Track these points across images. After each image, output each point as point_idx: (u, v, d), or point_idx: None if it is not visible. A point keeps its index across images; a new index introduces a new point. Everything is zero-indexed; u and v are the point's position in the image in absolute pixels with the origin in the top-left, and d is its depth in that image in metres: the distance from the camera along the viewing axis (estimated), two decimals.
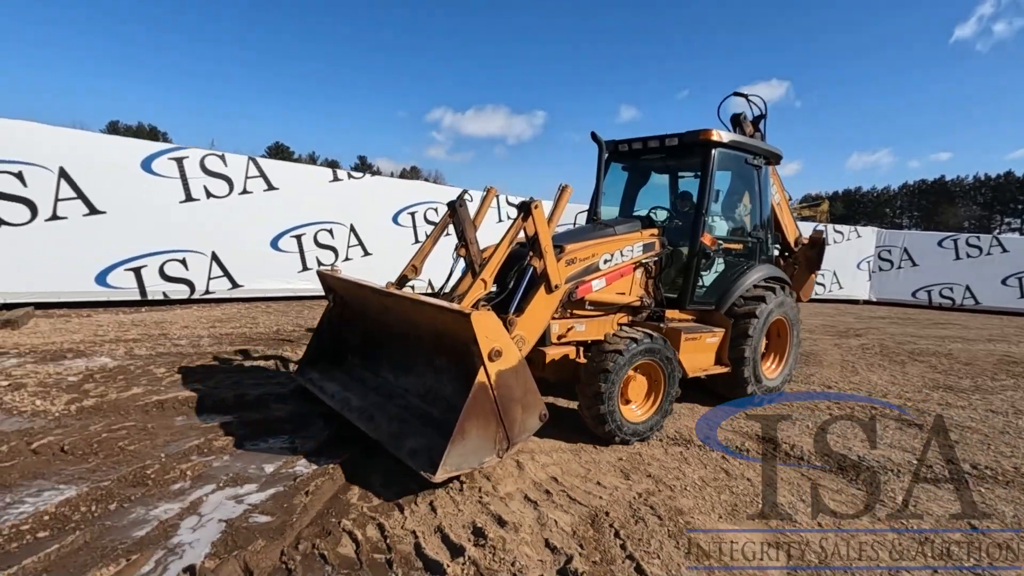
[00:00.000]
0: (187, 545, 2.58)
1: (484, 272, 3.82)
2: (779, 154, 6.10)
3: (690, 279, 5.15)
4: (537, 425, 3.37)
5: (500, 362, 3.11)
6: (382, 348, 4.43)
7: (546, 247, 3.81)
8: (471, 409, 3.00)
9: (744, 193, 5.86)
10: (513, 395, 3.20)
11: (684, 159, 5.81)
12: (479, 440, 3.06)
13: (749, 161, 5.54)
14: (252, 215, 9.91)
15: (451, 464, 2.94)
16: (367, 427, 3.60)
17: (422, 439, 3.28)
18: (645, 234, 5.01)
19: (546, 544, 2.76)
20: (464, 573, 2.47)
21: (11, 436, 3.66)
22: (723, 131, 5.23)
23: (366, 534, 2.75)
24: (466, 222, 4.37)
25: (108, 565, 2.39)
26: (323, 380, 4.48)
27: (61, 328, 7.01)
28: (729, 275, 5.53)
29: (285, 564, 2.48)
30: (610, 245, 4.66)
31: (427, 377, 3.88)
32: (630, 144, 5.64)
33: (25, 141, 7.65)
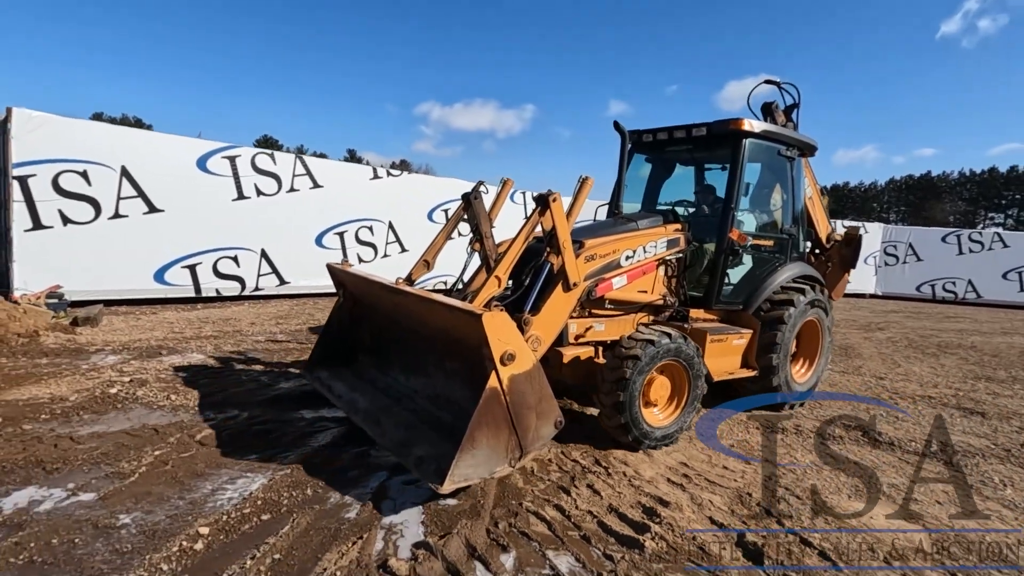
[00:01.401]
0: (400, 525, 2.83)
1: (498, 269, 3.60)
2: (814, 145, 5.81)
3: (717, 277, 4.90)
4: (552, 433, 3.18)
5: (513, 366, 2.92)
6: (392, 347, 4.25)
7: (564, 242, 3.63)
8: (482, 416, 2.80)
9: (776, 186, 5.56)
10: (527, 401, 3.00)
11: (712, 150, 5.53)
12: (490, 449, 2.87)
13: (782, 152, 5.25)
14: (299, 212, 10.06)
15: (459, 475, 2.75)
16: (374, 432, 3.47)
17: (430, 447, 3.13)
18: (669, 229, 4.78)
19: (711, 520, 3.05)
20: (658, 546, 2.75)
21: (170, 429, 3.86)
22: (754, 120, 5.03)
23: (549, 514, 3.02)
24: (481, 215, 4.19)
25: (344, 543, 2.63)
26: (331, 379, 4.31)
27: (135, 325, 7.16)
28: (758, 273, 5.24)
29: (496, 540, 2.74)
30: (632, 241, 4.43)
31: (437, 379, 3.70)
32: (655, 134, 5.40)
33: (89, 140, 7.74)
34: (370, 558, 2.53)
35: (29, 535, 2.54)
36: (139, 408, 4.24)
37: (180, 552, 2.49)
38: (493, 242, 4.18)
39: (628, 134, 5.21)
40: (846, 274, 6.77)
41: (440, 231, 4.49)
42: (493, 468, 2.90)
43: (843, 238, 6.63)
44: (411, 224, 11.75)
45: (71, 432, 3.72)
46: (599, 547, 2.74)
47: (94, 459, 3.35)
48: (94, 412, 4.09)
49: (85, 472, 3.20)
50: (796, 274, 5.39)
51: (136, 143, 8.21)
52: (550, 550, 2.68)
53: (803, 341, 5.62)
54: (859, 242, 6.50)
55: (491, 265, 3.97)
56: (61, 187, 7.54)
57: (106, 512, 2.78)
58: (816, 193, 6.51)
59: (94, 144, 7.76)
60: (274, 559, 2.48)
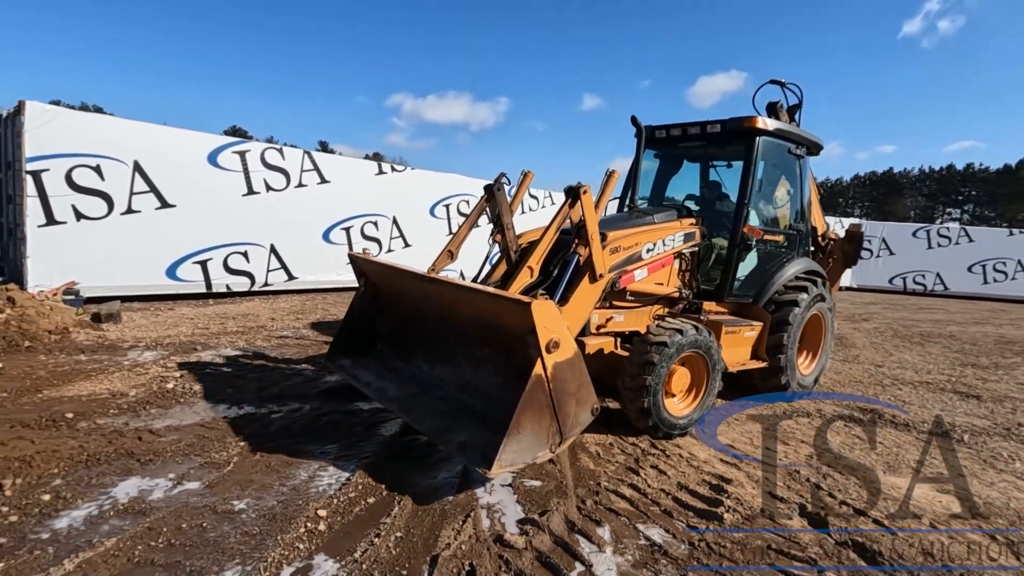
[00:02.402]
0: (497, 505, 3.05)
1: (531, 259, 3.72)
2: (820, 144, 5.95)
3: (730, 270, 5.04)
4: (589, 420, 3.25)
5: (557, 354, 3.00)
6: (416, 336, 4.27)
7: (593, 235, 3.68)
8: (527, 402, 2.87)
9: (784, 184, 5.70)
10: (568, 388, 3.09)
11: (724, 147, 5.65)
12: (533, 435, 2.95)
13: (792, 151, 5.42)
14: (306, 208, 10.07)
15: (506, 459, 2.82)
16: (409, 418, 3.53)
17: (470, 433, 3.20)
18: (685, 223, 4.90)
19: (772, 495, 3.36)
20: (734, 517, 3.03)
21: (240, 422, 3.99)
22: (767, 119, 5.15)
23: (627, 492, 3.28)
24: (503, 206, 4.21)
25: (455, 521, 2.84)
26: (355, 368, 4.35)
27: (156, 321, 7.14)
28: (768, 267, 5.38)
29: (589, 516, 2.99)
30: (652, 234, 4.54)
31: (466, 368, 3.74)
32: (668, 130, 5.47)
33: (102, 134, 7.63)
34: (484, 533, 2.75)
35: (157, 521, 2.68)
36: (201, 402, 4.33)
37: (308, 532, 2.66)
38: (514, 233, 4.21)
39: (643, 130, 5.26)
40: (844, 270, 6.98)
41: (464, 222, 4.54)
42: (536, 453, 2.99)
43: (846, 235, 6.85)
44: (414, 219, 11.84)
45: (147, 426, 3.81)
46: (682, 520, 3.01)
47: (182, 451, 3.46)
48: (160, 407, 4.18)
49: (179, 463, 3.32)
50: (803, 269, 5.55)
51: (149, 137, 8.11)
52: (639, 523, 2.95)
53: (807, 334, 5.70)
54: (861, 239, 6.75)
55: (511, 256, 4.08)
56: (75, 182, 7.43)
57: (218, 499, 2.92)
58: (814, 192, 6.64)
59: (107, 138, 7.65)
60: (396, 536, 2.68)
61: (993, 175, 71.31)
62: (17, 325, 5.61)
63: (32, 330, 5.66)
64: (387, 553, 2.54)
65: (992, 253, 18.97)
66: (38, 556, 2.37)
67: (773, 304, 5.23)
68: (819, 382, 5.92)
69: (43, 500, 2.80)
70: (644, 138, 5.27)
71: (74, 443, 3.43)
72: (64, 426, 3.70)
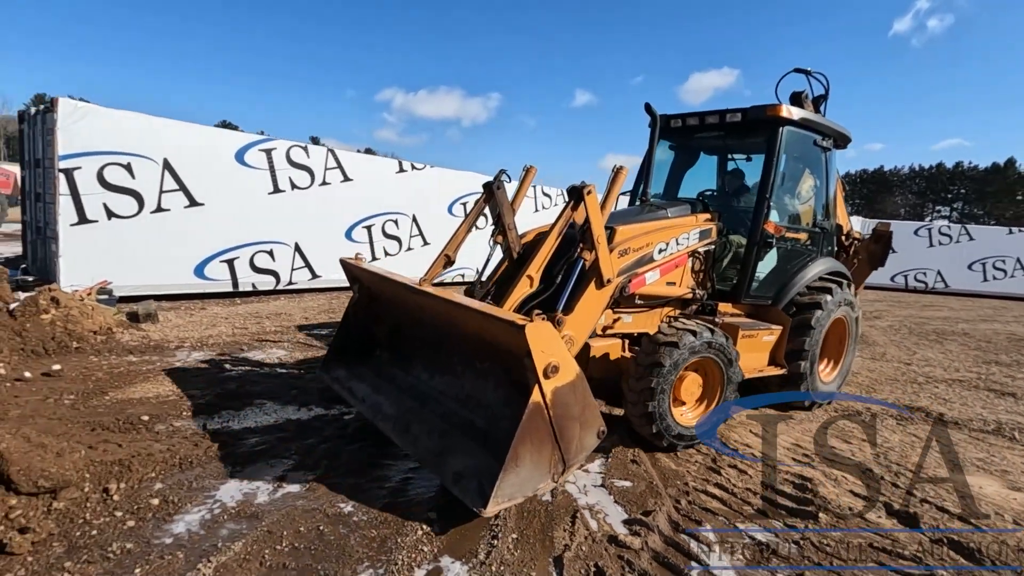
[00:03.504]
0: (597, 505, 3.10)
1: (530, 268, 3.47)
2: (848, 136, 5.59)
3: (748, 270, 4.72)
4: (595, 443, 3.05)
5: (557, 378, 2.75)
6: (414, 344, 4.04)
7: (599, 238, 3.43)
8: (525, 432, 2.66)
9: (809, 178, 5.33)
10: (571, 413, 2.88)
11: (745, 138, 5.32)
12: (533, 466, 2.74)
13: (818, 143, 5.08)
14: (330, 206, 10.03)
15: (503, 495, 2.62)
16: (403, 441, 3.29)
17: (468, 458, 2.95)
18: (700, 219, 4.60)
19: (854, 493, 3.44)
20: (829, 517, 3.10)
21: (315, 423, 4.01)
22: (792, 107, 4.82)
23: (716, 492, 3.34)
24: (504, 206, 4.03)
25: (563, 522, 2.89)
26: (351, 379, 4.11)
27: (192, 321, 7.09)
28: (788, 267, 5.03)
29: (688, 516, 3.04)
30: (665, 233, 4.26)
31: (467, 379, 3.48)
32: (684, 119, 5.15)
33: (132, 131, 7.54)
34: (596, 534, 2.79)
35: (273, 524, 2.70)
36: (269, 403, 4.32)
37: (425, 535, 2.69)
38: (516, 233, 4.05)
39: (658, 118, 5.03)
40: (869, 271, 6.64)
41: (461, 224, 4.28)
42: (537, 485, 2.78)
43: (873, 234, 6.51)
44: (433, 217, 11.82)
45: (224, 428, 3.82)
46: (778, 519, 3.08)
47: (268, 453, 3.47)
48: (230, 409, 4.17)
49: (271, 466, 3.32)
50: (826, 270, 5.19)
51: (178, 135, 8.03)
52: (738, 523, 3.01)
53: (829, 340, 5.33)
54: (889, 239, 6.40)
55: (514, 257, 3.91)
56: (106, 180, 7.35)
57: (324, 502, 2.94)
58: (838, 189, 6.24)
59: (138, 136, 7.57)
60: (513, 538, 2.71)
61: (982, 173, 72.35)
62: (63, 326, 5.56)
63: (78, 331, 5.61)
64: (510, 555, 2.58)
65: (992, 251, 19.28)
66: (170, 561, 2.38)
67: (794, 307, 4.89)
68: (841, 387, 5.55)
69: (153, 504, 2.81)
70: (658, 127, 5.00)
71: (160, 446, 3.42)
72: (143, 428, 3.69)
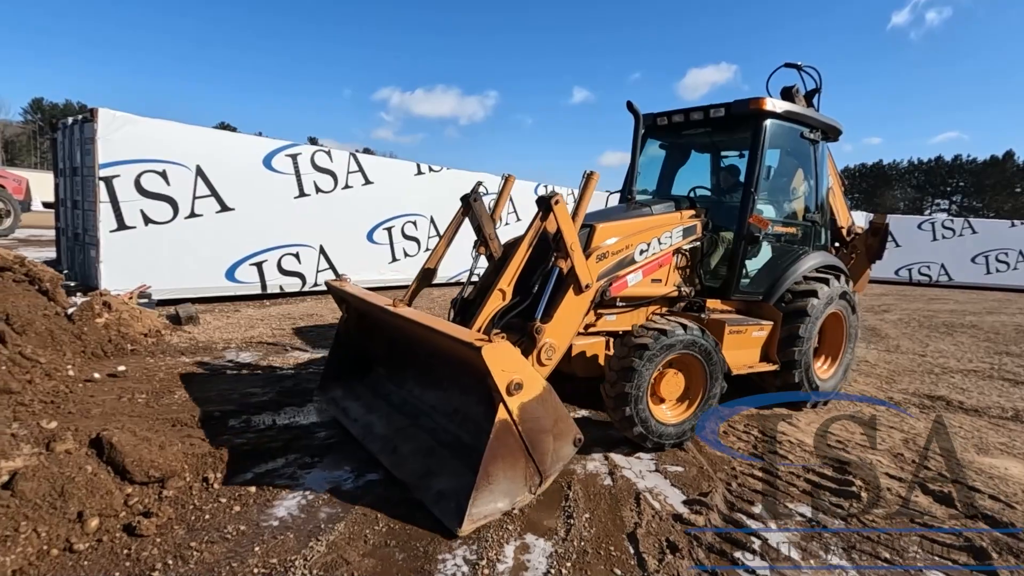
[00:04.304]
0: (655, 488, 3.35)
1: (501, 281, 3.48)
2: (838, 128, 5.48)
3: (736, 265, 4.71)
4: (573, 452, 3.09)
5: (521, 394, 2.80)
6: (406, 359, 4.08)
7: (572, 245, 3.44)
8: (494, 450, 2.72)
9: (798, 172, 5.33)
10: (542, 426, 2.92)
11: (731, 133, 5.27)
12: (508, 481, 2.81)
13: (805, 135, 5.01)
14: (352, 209, 10.25)
15: (478, 513, 2.70)
16: (390, 462, 3.31)
17: (451, 478, 2.99)
18: (684, 216, 4.59)
19: (889, 475, 3.68)
20: (870, 496, 3.35)
21: None
22: (776, 100, 4.80)
23: (762, 475, 3.59)
24: (483, 217, 4.00)
25: (629, 503, 3.13)
26: (346, 399, 4.18)
27: (230, 323, 7.32)
28: (780, 262, 5.01)
29: (740, 496, 3.29)
30: (646, 234, 4.23)
31: (453, 394, 3.52)
32: (669, 117, 5.16)
33: (167, 140, 7.76)
34: (660, 513, 3.04)
35: (365, 507, 2.93)
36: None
37: (506, 515, 2.92)
38: (499, 243, 4.02)
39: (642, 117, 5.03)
40: (869, 266, 6.44)
41: (441, 237, 4.30)
42: (513, 499, 2.86)
43: (870, 227, 6.36)
44: (449, 218, 12.00)
45: (293, 422, 4.05)
46: (824, 498, 3.32)
47: (340, 445, 3.70)
48: (292, 405, 4.38)
49: (346, 456, 3.55)
50: (820, 264, 5.14)
51: (209, 142, 8.25)
52: (787, 502, 3.25)
53: (826, 335, 5.34)
54: (886, 232, 6.23)
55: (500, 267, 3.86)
56: (143, 187, 7.56)
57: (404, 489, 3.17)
58: (836, 182, 6.28)
59: (172, 144, 7.79)
60: (586, 518, 2.96)
61: (980, 166, 72.68)
62: (117, 329, 5.79)
63: (131, 334, 5.84)
64: (587, 532, 2.82)
65: (994, 244, 19.56)
66: (283, 540, 2.62)
67: (786, 301, 4.86)
68: (840, 387, 5.45)
69: (251, 492, 3.04)
70: (641, 125, 4.90)
71: (240, 440, 3.65)
72: (219, 424, 3.92)
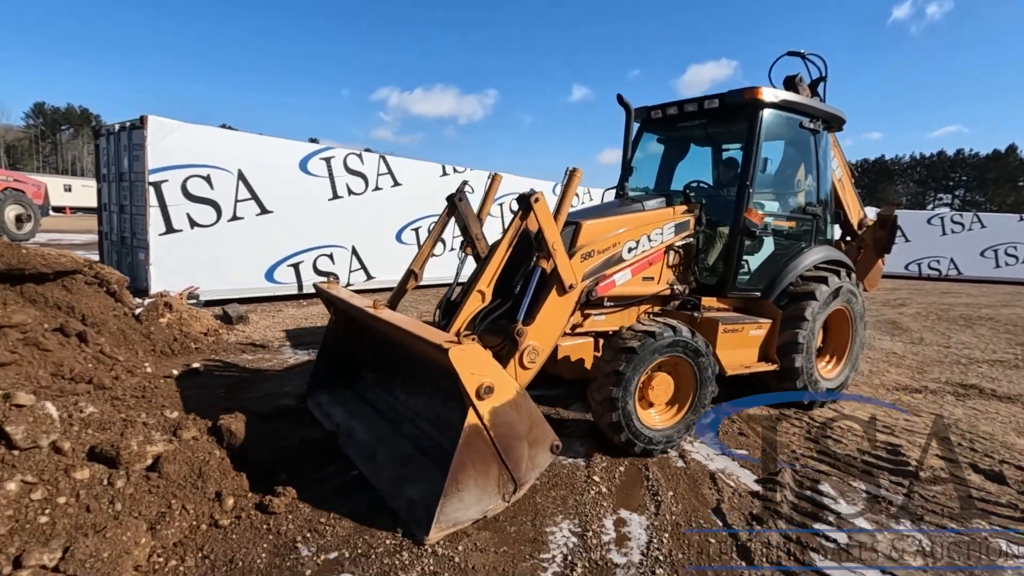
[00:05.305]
0: (726, 469, 3.59)
1: (480, 282, 3.41)
2: (842, 117, 5.28)
3: (732, 262, 4.53)
4: (550, 459, 2.98)
5: (493, 398, 2.70)
6: (393, 363, 3.99)
7: (554, 244, 3.32)
8: (464, 456, 2.62)
9: (799, 164, 5.12)
10: (516, 432, 2.80)
11: (728, 125, 5.04)
12: (479, 489, 2.71)
13: (804, 125, 4.83)
14: (382, 210, 10.50)
15: (446, 520, 2.62)
16: (367, 468, 3.23)
17: (425, 486, 2.89)
18: (677, 212, 4.43)
19: (939, 456, 3.92)
20: (927, 474, 3.59)
21: None
22: (773, 89, 4.63)
23: (821, 457, 3.82)
24: (469, 217, 3.98)
25: (706, 483, 3.38)
26: (331, 404, 4.10)
27: (276, 322, 7.57)
28: (779, 258, 4.85)
29: (806, 476, 3.52)
30: (635, 231, 4.10)
31: (436, 400, 3.41)
32: (664, 110, 5.03)
33: (211, 145, 8.00)
34: (738, 490, 3.28)
35: None
36: None
37: (598, 494, 3.17)
38: (485, 243, 3.99)
39: (636, 111, 4.98)
40: (880, 260, 6.17)
41: (426, 239, 4.28)
42: (485, 507, 2.76)
43: (877, 220, 6.13)
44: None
45: None
46: (883, 477, 3.56)
47: None
48: None
49: None
50: (821, 259, 4.96)
51: (249, 147, 8.49)
52: (851, 480, 3.49)
53: (831, 333, 5.22)
54: (895, 224, 5.96)
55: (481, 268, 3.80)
56: (189, 191, 7.80)
57: None
58: (846, 174, 6.13)
59: (216, 149, 8.03)
60: (670, 495, 3.19)
61: (982, 160, 72.78)
62: (178, 328, 6.03)
63: (192, 333, 6.08)
64: (676, 507, 3.06)
65: (1003, 238, 19.77)
66: None
67: (787, 298, 4.71)
68: (846, 387, 5.27)
69: (353, 474, 3.27)
70: (633, 119, 4.88)
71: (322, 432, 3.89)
72: (303, 415, 4.15)
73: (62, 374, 4.07)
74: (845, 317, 5.16)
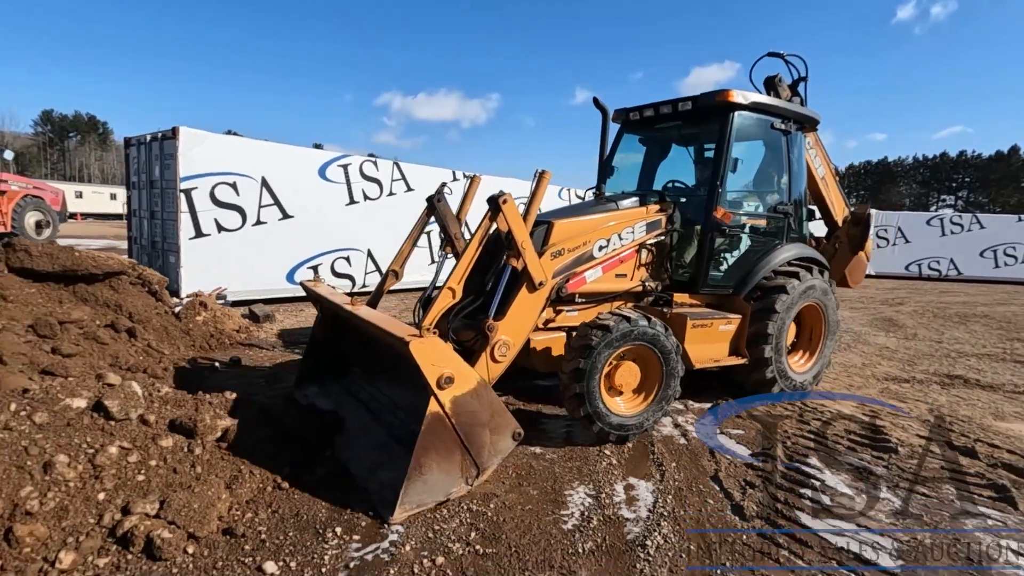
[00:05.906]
0: (725, 447, 3.97)
1: (450, 280, 3.53)
2: (815, 118, 5.42)
3: (703, 259, 4.68)
4: (511, 446, 3.12)
5: (453, 388, 2.86)
6: (377, 357, 4.13)
7: (523, 243, 3.46)
8: (426, 441, 2.80)
9: (772, 164, 5.24)
10: (478, 419, 2.97)
11: (702, 126, 5.12)
12: (443, 472, 2.89)
13: (776, 126, 4.95)
14: (396, 214, 10.90)
15: (410, 502, 2.79)
16: (345, 457, 3.38)
17: (397, 470, 2.97)
18: (650, 211, 4.56)
19: (919, 436, 4.30)
20: (906, 450, 3.96)
21: None
22: (744, 91, 4.73)
23: (811, 436, 4.21)
24: (448, 218, 4.10)
25: (705, 456, 3.77)
26: (317, 397, 4.22)
27: (299, 320, 7.99)
28: (752, 255, 4.98)
29: (795, 452, 3.91)
30: (605, 230, 4.24)
31: (409, 390, 3.55)
32: (641, 112, 5.16)
33: (237, 154, 8.46)
34: (734, 462, 3.67)
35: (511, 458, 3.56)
36: None
37: (608, 465, 3.56)
38: (465, 243, 4.07)
39: (615, 113, 5.13)
40: (860, 256, 6.26)
41: (405, 240, 4.40)
42: (448, 490, 2.93)
43: (851, 217, 6.25)
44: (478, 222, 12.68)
45: None
46: (866, 453, 3.94)
47: None
48: None
49: None
50: (794, 256, 5.10)
51: (272, 155, 8.95)
52: (836, 456, 3.87)
53: (804, 329, 5.36)
54: (868, 221, 6.14)
55: None
56: (216, 198, 8.25)
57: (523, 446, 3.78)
58: (829, 173, 6.21)
59: (241, 157, 8.48)
60: (673, 466, 3.59)
61: (985, 161, 72.88)
62: (213, 325, 6.46)
63: (226, 330, 6.50)
64: (679, 475, 3.46)
65: (1002, 239, 20.06)
66: None
67: (756, 296, 4.86)
68: (819, 381, 5.44)
69: None
70: (609, 120, 5.06)
71: None
72: None
73: (119, 365, 4.49)
74: (817, 313, 5.30)
